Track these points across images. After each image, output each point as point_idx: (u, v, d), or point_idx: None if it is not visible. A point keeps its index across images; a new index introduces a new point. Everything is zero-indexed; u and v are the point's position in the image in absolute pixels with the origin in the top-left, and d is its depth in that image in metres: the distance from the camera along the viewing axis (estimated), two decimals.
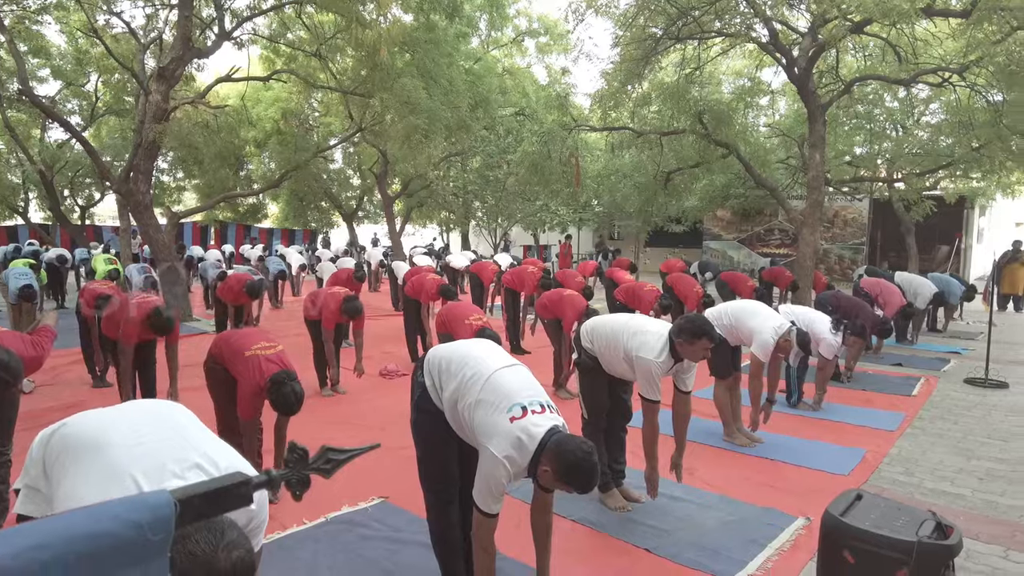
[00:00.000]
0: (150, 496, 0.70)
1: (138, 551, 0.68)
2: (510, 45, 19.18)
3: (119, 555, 0.66)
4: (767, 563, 2.98)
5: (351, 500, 3.58)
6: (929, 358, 7.99)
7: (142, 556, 0.68)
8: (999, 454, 4.53)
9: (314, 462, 0.90)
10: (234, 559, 1.02)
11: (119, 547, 0.66)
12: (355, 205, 23.99)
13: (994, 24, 7.14)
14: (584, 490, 2.11)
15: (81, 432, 1.49)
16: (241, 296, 7.54)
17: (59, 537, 0.63)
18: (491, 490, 2.17)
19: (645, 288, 7.46)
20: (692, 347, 3.20)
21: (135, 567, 0.68)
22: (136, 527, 0.68)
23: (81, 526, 0.65)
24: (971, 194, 15.03)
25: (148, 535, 0.68)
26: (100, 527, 0.66)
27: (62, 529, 0.64)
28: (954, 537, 1.80)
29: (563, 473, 2.06)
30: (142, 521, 0.69)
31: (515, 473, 2.15)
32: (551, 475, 2.10)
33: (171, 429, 1.53)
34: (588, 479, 2.07)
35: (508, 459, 2.12)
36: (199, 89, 14.06)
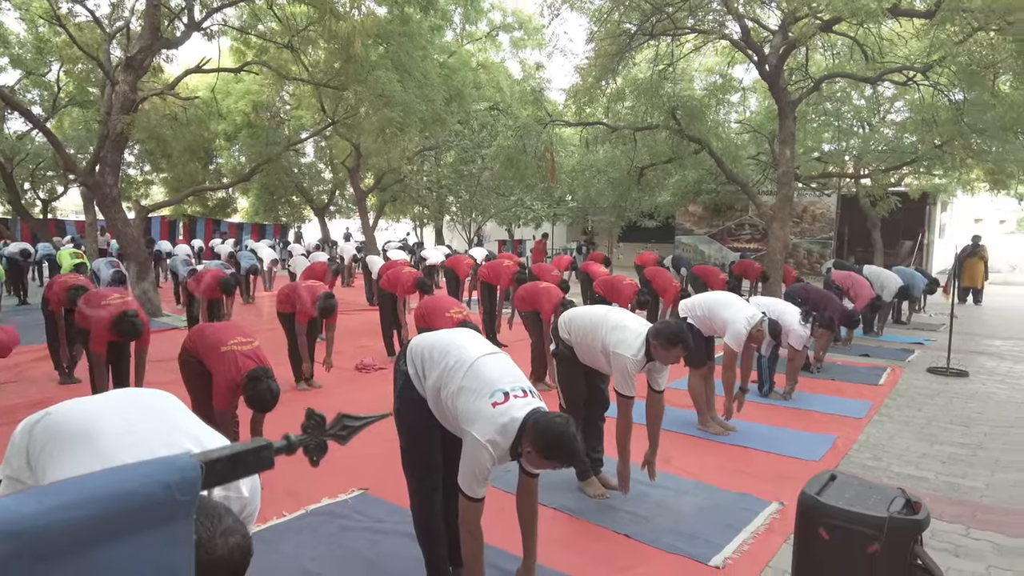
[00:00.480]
0: (176, 458, 0.71)
1: (166, 511, 0.69)
2: (484, 39, 19.13)
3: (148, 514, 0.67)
4: (743, 546, 3.06)
5: (331, 492, 3.57)
6: (895, 349, 8.22)
7: (170, 516, 0.69)
8: (960, 439, 4.70)
9: (331, 428, 0.91)
10: (231, 544, 1.03)
11: (148, 506, 0.67)
12: (327, 199, 23.75)
13: (956, 25, 7.35)
14: (567, 463, 2.16)
15: (68, 420, 1.47)
16: (215, 292, 7.42)
17: (103, 492, 0.63)
18: (475, 475, 2.19)
19: (624, 281, 7.54)
20: (667, 352, 3.27)
21: (162, 528, 0.69)
22: (165, 487, 0.69)
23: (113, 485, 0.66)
24: (933, 191, 15.45)
25: (176, 495, 0.70)
26: (130, 486, 0.67)
27: (93, 488, 0.65)
28: (922, 513, 1.88)
29: (545, 449, 2.10)
30: (170, 481, 0.70)
31: (498, 457, 2.18)
32: (534, 454, 2.13)
33: (159, 416, 1.52)
34: (570, 452, 2.11)
35: (491, 443, 2.14)
36: (168, 80, 13.77)
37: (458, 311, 4.99)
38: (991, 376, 6.81)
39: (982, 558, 2.96)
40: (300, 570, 2.80)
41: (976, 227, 27.58)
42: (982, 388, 6.27)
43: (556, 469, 2.22)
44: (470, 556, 2.32)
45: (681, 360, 4.68)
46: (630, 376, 3.34)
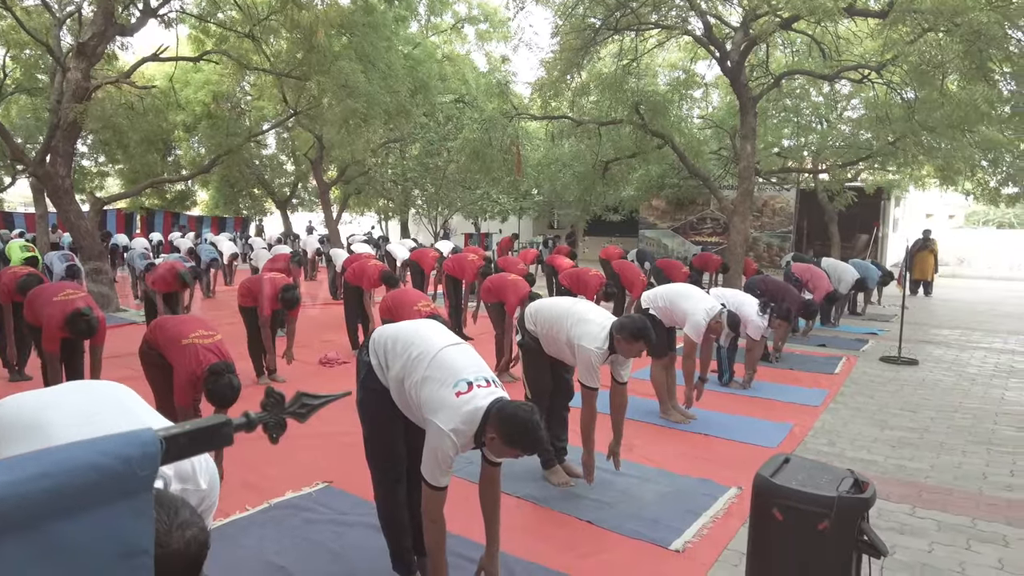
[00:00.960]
0: (138, 433, 0.72)
1: (127, 484, 0.70)
2: (450, 31, 19.02)
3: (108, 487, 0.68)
4: (703, 530, 3.14)
5: (295, 486, 3.55)
6: (850, 339, 8.47)
7: (131, 490, 0.70)
8: (909, 423, 4.89)
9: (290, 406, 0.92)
10: (188, 537, 1.01)
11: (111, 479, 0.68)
12: (289, 192, 23.36)
13: (908, 25, 7.59)
14: (531, 451, 2.18)
15: (20, 413, 1.44)
16: (172, 285, 7.25)
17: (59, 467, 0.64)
18: (439, 463, 2.20)
19: (590, 273, 7.61)
20: (629, 346, 3.33)
21: (124, 500, 0.70)
22: (126, 461, 0.70)
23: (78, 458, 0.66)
24: (888, 186, 15.93)
25: (136, 470, 0.71)
26: (94, 459, 0.68)
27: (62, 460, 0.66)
28: (868, 491, 1.97)
29: (508, 437, 2.12)
30: (132, 456, 0.71)
31: (462, 445, 2.20)
32: (498, 441, 2.15)
33: (115, 406, 1.50)
34: (533, 440, 2.14)
35: (455, 431, 2.16)
36: (123, 68, 13.37)
37: (425, 304, 4.99)
38: (938, 364, 7.08)
39: (926, 535, 3.10)
40: (264, 563, 2.78)
41: (927, 222, 28.56)
42: (930, 375, 6.52)
43: (518, 457, 2.25)
44: (433, 544, 2.33)
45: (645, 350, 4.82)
46: (594, 368, 3.39)
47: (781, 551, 2.02)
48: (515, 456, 2.23)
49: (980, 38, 6.70)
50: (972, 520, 3.28)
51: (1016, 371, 6.83)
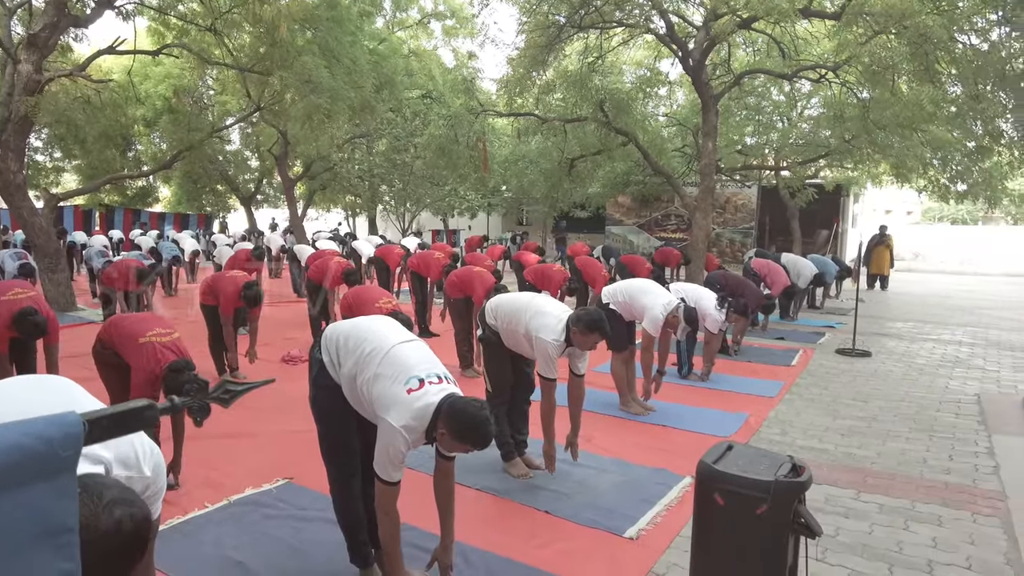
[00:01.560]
0: (61, 415, 0.74)
1: (49, 465, 0.73)
2: (416, 27, 18.92)
3: (32, 467, 0.71)
4: (656, 518, 3.23)
5: (255, 483, 3.55)
6: (807, 332, 8.71)
7: (53, 470, 0.72)
8: (859, 413, 5.07)
9: (214, 391, 0.95)
10: (118, 516, 1.00)
11: (33, 459, 0.71)
12: (254, 188, 23.02)
13: (860, 27, 7.82)
14: (480, 446, 2.21)
15: None
16: (130, 282, 7.12)
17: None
18: (391, 459, 2.23)
19: (554, 269, 7.70)
20: (585, 338, 3.41)
21: (46, 480, 0.72)
22: (48, 442, 0.73)
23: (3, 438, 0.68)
24: (846, 183, 16.35)
25: (58, 451, 0.73)
26: (16, 440, 0.70)
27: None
28: (805, 476, 2.06)
29: (458, 433, 2.17)
30: (54, 437, 0.73)
31: (413, 441, 2.23)
32: (448, 437, 2.19)
33: (59, 396, 1.50)
34: (483, 436, 2.18)
35: (406, 428, 2.19)
36: (78, 61, 13.01)
37: (387, 301, 5.00)
38: (890, 355, 7.33)
39: (868, 517, 3.24)
40: (222, 559, 2.79)
41: (886, 218, 29.38)
42: (882, 367, 6.75)
43: (468, 452, 2.29)
44: (387, 537, 2.37)
45: (604, 344, 4.91)
46: (551, 360, 3.46)
47: (723, 534, 2.11)
48: (466, 451, 2.27)
49: (927, 41, 6.96)
50: (911, 503, 3.43)
51: (961, 361, 7.12)
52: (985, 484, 3.70)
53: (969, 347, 7.95)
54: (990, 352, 7.68)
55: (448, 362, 2.56)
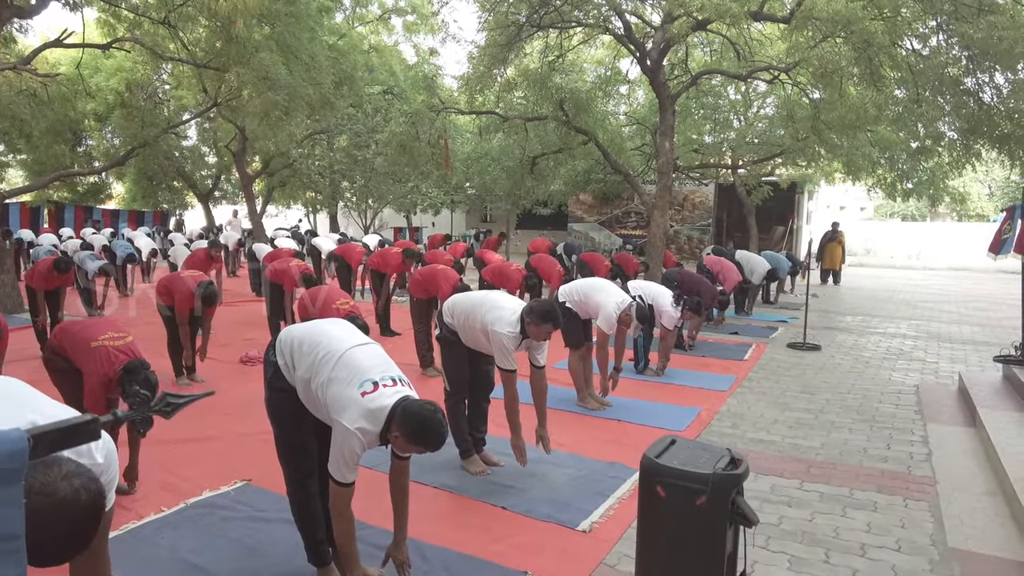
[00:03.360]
0: (6, 432, 0.78)
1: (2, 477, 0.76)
2: (376, 22, 18.76)
3: None
4: (609, 511, 3.34)
5: (213, 485, 3.55)
6: (761, 327, 8.97)
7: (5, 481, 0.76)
8: (807, 405, 5.28)
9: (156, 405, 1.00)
10: (76, 486, 1.03)
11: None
12: (211, 185, 22.54)
13: (809, 31, 8.08)
14: (433, 448, 2.27)
15: None
16: (52, 279, 6.73)
17: None
18: (345, 461, 2.28)
19: (512, 268, 7.78)
20: (538, 328, 3.50)
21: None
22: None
23: None
24: (801, 180, 16.84)
25: (6, 464, 0.77)
26: None
27: None
28: (742, 467, 2.18)
29: (412, 435, 2.22)
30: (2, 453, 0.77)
31: (368, 442, 2.28)
32: (402, 440, 2.24)
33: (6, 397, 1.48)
34: (436, 438, 2.24)
35: (360, 430, 2.23)
36: (22, 53, 12.57)
37: (344, 303, 5.01)
38: (839, 349, 7.62)
39: (809, 506, 3.41)
40: (178, 562, 2.80)
41: (840, 214, 30.26)
42: (831, 360, 7.02)
43: (423, 453, 2.35)
44: (342, 537, 2.41)
45: (563, 342, 5.01)
46: (508, 351, 3.53)
47: (666, 525, 2.21)
48: (420, 452, 2.33)
49: (870, 46, 7.24)
50: (850, 490, 3.61)
51: (904, 353, 7.44)
52: (918, 471, 3.92)
53: (912, 340, 8.31)
54: (931, 344, 8.04)
55: (409, 361, 2.61)
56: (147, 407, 1.01)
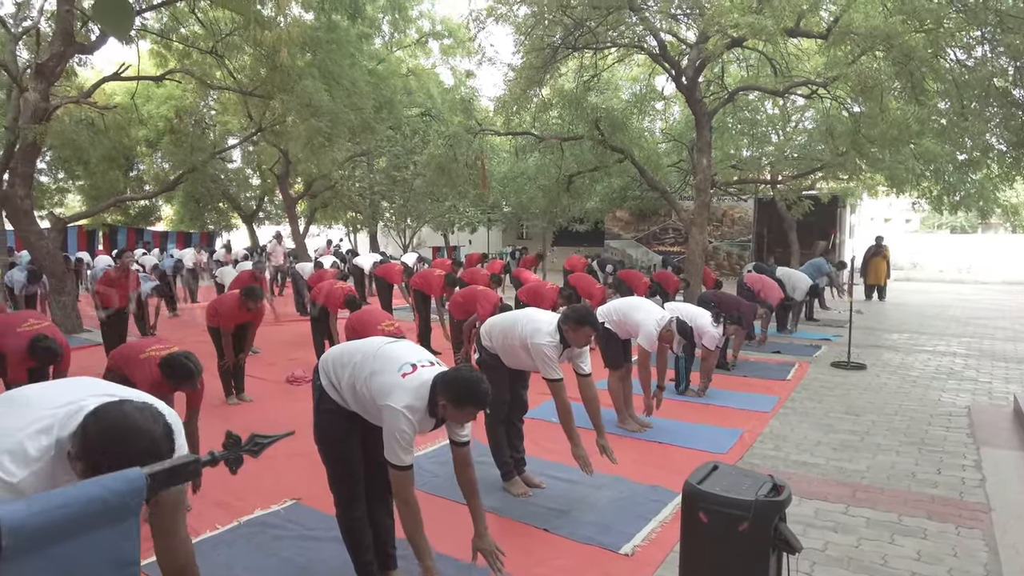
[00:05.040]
0: (128, 473, 0.92)
1: (119, 513, 0.90)
2: (414, 46, 19.20)
3: (105, 516, 0.89)
4: (651, 534, 3.35)
5: (264, 504, 3.67)
6: (804, 346, 8.82)
7: (122, 516, 0.91)
8: (852, 427, 5.18)
9: (245, 445, 1.11)
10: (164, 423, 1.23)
11: (109, 509, 0.88)
12: (255, 206, 23.23)
13: (848, 46, 8.01)
14: (481, 405, 2.37)
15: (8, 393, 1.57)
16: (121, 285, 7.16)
17: (74, 499, 0.84)
18: (399, 442, 2.37)
19: (546, 287, 7.84)
20: (576, 334, 3.55)
21: (115, 526, 0.90)
22: (120, 495, 0.91)
23: (86, 492, 0.86)
24: (842, 193, 16.55)
25: (128, 500, 0.91)
26: (98, 493, 0.88)
27: (74, 494, 0.86)
28: (784, 494, 2.19)
29: (457, 398, 2.33)
30: (124, 491, 0.91)
31: (417, 421, 2.38)
32: (451, 407, 2.35)
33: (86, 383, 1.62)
34: (480, 393, 2.35)
35: (407, 408, 2.35)
36: (82, 85, 13.25)
37: (389, 324, 5.13)
38: (885, 368, 7.44)
39: (855, 532, 3.36)
40: None
41: (884, 227, 29.55)
42: (876, 380, 6.86)
43: (475, 417, 2.45)
44: (409, 526, 2.47)
45: (602, 362, 5.04)
46: (551, 360, 3.58)
47: (708, 551, 2.23)
48: (472, 417, 2.42)
49: (911, 60, 7.13)
50: (898, 516, 3.54)
51: (955, 373, 7.23)
52: (971, 497, 3.81)
53: (963, 358, 8.06)
54: (983, 363, 7.79)
55: None
56: (239, 447, 1.12)
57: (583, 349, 3.68)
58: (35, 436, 1.31)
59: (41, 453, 1.29)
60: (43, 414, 1.35)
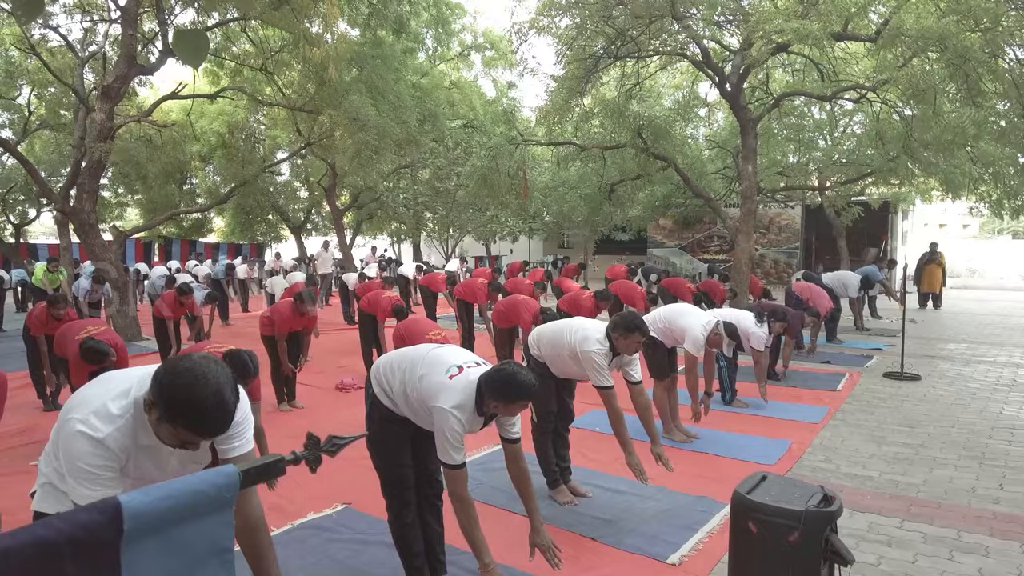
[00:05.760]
0: (224, 469, 1.06)
1: (219, 503, 1.04)
2: (456, 59, 19.49)
3: (209, 505, 1.02)
4: (699, 545, 3.33)
5: (316, 508, 3.78)
6: (855, 355, 8.60)
7: (219, 507, 1.04)
8: (905, 439, 5.04)
9: (324, 445, 1.20)
10: None
11: (209, 499, 1.02)
12: (303, 218, 23.84)
13: (898, 48, 7.82)
14: (529, 396, 2.44)
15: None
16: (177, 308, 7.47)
17: (180, 491, 0.98)
18: (450, 442, 2.45)
19: (583, 296, 7.86)
20: (626, 340, 3.56)
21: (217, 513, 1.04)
22: (219, 488, 1.04)
23: (191, 485, 1.00)
24: (894, 199, 16.08)
25: (225, 493, 1.04)
26: (200, 487, 1.02)
27: (179, 487, 1.00)
28: (835, 504, 2.17)
29: (503, 394, 2.40)
30: (222, 484, 1.04)
31: (466, 420, 2.46)
32: (500, 405, 2.43)
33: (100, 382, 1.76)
34: (525, 385, 2.41)
35: (456, 407, 2.43)
36: (141, 104, 13.88)
37: (436, 333, 5.22)
38: (941, 379, 7.20)
39: (912, 547, 3.27)
40: None
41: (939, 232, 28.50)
42: (931, 391, 6.65)
43: (525, 408, 2.50)
44: (466, 522, 2.53)
45: (647, 372, 5.02)
46: (601, 368, 3.57)
47: (758, 562, 2.22)
48: (521, 408, 2.48)
49: (966, 61, 6.92)
50: (957, 532, 3.44)
51: (1018, 384, 6.94)
52: None
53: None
54: None
55: None
56: (318, 447, 1.21)
57: (633, 357, 3.68)
58: (116, 398, 1.53)
59: (123, 411, 1.50)
60: (123, 382, 1.59)
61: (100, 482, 1.45)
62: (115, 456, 1.48)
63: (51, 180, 15.96)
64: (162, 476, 1.59)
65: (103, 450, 1.45)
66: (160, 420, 1.43)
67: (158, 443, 1.54)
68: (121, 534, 0.91)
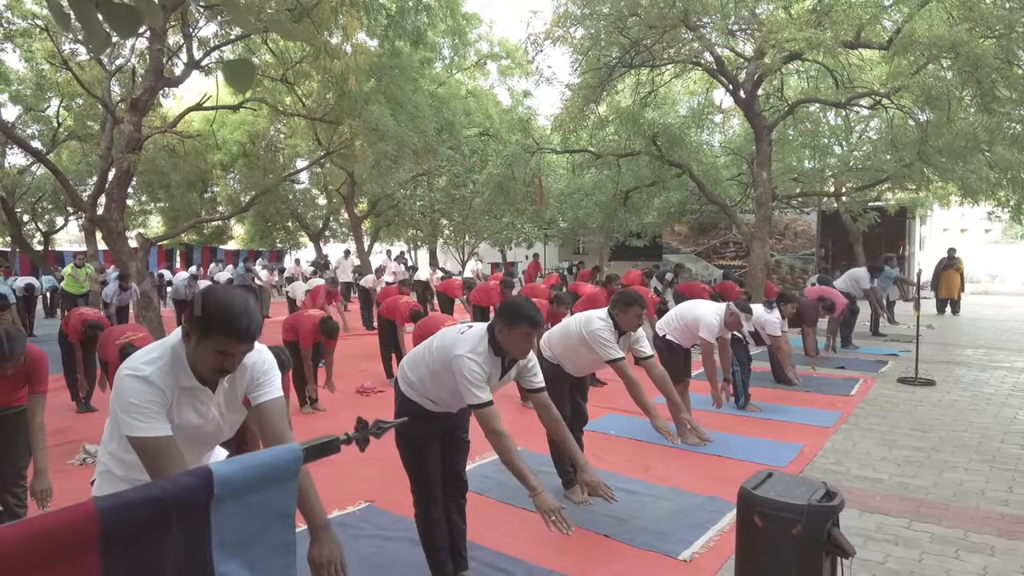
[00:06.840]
0: (290, 446, 1.24)
1: (286, 475, 1.22)
2: (473, 68, 19.74)
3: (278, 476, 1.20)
4: (709, 542, 3.44)
5: (340, 505, 3.93)
6: (869, 361, 8.61)
7: (285, 478, 1.21)
8: (917, 443, 5.10)
9: (371, 428, 1.35)
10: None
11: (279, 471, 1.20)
12: (322, 225, 24.19)
13: (912, 55, 7.88)
14: (532, 322, 2.61)
15: None
16: None
17: (257, 463, 1.15)
18: (471, 382, 2.61)
19: (599, 292, 7.98)
20: (626, 315, 3.76)
21: (283, 485, 1.21)
22: (286, 461, 1.22)
23: (264, 459, 1.19)
24: (911, 204, 16.01)
25: (291, 467, 1.22)
26: (271, 460, 1.20)
27: (256, 459, 1.19)
28: (837, 499, 2.28)
29: (509, 317, 2.61)
30: (289, 458, 1.22)
31: (484, 361, 2.63)
32: (506, 331, 2.62)
33: None
34: (528, 310, 2.62)
35: (471, 351, 2.63)
36: (166, 115, 14.23)
37: (453, 324, 5.38)
38: (956, 384, 7.21)
39: (918, 546, 3.35)
40: None
41: (959, 237, 28.18)
42: (946, 396, 6.67)
43: (533, 333, 2.64)
44: (504, 453, 2.62)
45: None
46: (608, 342, 3.77)
47: (763, 554, 2.33)
48: (529, 334, 2.63)
49: (979, 68, 6.96)
50: (965, 532, 3.51)
51: None
52: None
53: None
54: None
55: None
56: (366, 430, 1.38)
57: (639, 334, 3.87)
58: (157, 346, 1.77)
59: (161, 353, 1.72)
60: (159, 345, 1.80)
61: (150, 415, 1.63)
62: (160, 392, 1.67)
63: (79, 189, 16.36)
64: (203, 424, 1.79)
65: (149, 386, 1.66)
66: (198, 341, 1.65)
67: (198, 386, 1.75)
68: (212, 496, 1.10)
